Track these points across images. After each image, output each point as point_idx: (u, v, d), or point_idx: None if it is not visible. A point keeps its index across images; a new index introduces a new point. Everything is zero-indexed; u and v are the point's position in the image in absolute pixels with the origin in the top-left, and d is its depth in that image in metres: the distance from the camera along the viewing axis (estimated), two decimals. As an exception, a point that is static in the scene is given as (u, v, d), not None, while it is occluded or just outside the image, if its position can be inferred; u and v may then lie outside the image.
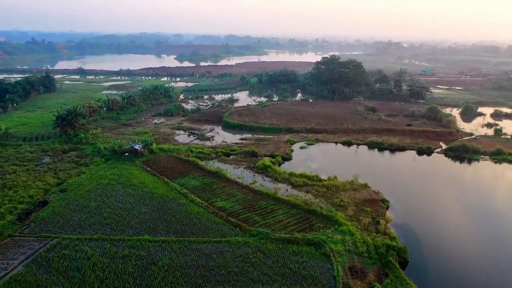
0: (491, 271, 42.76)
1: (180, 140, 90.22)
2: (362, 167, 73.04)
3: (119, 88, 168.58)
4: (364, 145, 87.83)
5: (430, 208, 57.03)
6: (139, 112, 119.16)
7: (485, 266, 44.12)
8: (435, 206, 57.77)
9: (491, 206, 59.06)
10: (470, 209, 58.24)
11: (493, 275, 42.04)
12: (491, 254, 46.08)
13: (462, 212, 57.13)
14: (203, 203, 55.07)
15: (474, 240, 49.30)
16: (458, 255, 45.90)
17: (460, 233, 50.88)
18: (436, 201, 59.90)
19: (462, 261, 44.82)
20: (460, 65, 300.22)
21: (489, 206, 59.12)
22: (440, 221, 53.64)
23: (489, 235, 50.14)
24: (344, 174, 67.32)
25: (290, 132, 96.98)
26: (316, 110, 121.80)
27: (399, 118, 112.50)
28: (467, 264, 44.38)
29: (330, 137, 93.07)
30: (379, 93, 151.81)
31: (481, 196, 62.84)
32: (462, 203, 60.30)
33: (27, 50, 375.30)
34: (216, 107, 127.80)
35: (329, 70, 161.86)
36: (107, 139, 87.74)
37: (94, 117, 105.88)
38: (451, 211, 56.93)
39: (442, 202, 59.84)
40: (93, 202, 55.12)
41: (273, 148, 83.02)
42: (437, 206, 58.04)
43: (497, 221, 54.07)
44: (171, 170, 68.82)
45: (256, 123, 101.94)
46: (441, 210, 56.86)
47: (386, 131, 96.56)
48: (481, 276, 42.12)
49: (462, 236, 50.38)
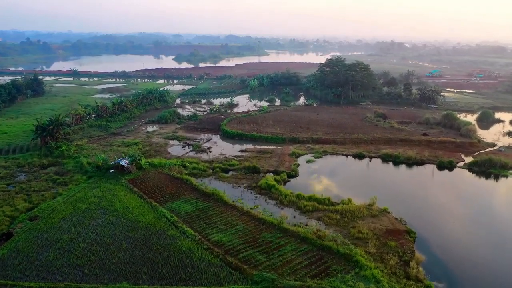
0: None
1: (173, 152, 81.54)
2: (378, 186, 64.55)
3: (113, 91, 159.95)
4: (378, 158, 79.17)
5: (466, 241, 48.39)
6: (131, 119, 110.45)
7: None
8: (472, 238, 49.16)
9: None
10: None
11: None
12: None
13: (508, 246, 48.17)
14: (196, 235, 46.38)
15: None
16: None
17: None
18: (472, 231, 51.32)
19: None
20: (466, 66, 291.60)
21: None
22: (483, 258, 44.82)
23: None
24: (359, 194, 58.92)
25: (294, 142, 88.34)
26: (321, 117, 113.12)
27: (413, 126, 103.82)
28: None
29: (339, 148, 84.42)
30: (388, 97, 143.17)
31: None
32: (505, 234, 51.43)
33: (22, 50, 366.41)
34: (214, 113, 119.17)
35: (334, 73, 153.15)
36: (93, 151, 79.09)
37: (81, 125, 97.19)
38: (492, 244, 48.14)
39: (479, 232, 51.19)
40: (66, 235, 46.49)
41: (276, 162, 74.38)
42: (474, 237, 49.42)
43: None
44: (161, 190, 60.16)
45: (257, 132, 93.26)
46: (479, 242, 48.18)
47: (401, 142, 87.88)
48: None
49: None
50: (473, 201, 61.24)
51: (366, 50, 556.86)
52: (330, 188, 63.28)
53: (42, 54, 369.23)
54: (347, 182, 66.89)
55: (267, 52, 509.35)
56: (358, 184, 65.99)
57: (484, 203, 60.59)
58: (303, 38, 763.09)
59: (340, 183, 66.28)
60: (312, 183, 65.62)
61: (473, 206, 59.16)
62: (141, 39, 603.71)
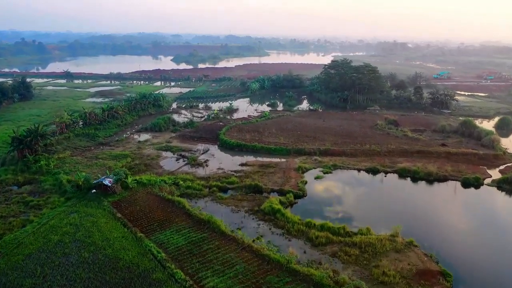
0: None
1: (166, 166, 73.25)
2: (399, 209, 56.44)
3: (105, 94, 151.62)
4: (394, 173, 70.88)
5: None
6: (122, 127, 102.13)
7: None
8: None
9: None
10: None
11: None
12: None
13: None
14: (187, 280, 38.15)
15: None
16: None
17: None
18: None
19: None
20: (473, 67, 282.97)
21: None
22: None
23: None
24: (378, 221, 51.11)
25: (300, 154, 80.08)
26: (328, 124, 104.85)
27: (428, 134, 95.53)
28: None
29: (350, 161, 76.14)
30: (396, 102, 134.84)
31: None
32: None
33: (16, 51, 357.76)
34: (212, 119, 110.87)
35: (340, 75, 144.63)
36: (76, 166, 70.90)
37: (66, 134, 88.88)
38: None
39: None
40: (28, 279, 38.39)
41: (281, 179, 66.11)
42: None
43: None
44: (148, 216, 51.91)
45: (259, 142, 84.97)
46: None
47: (418, 154, 79.57)
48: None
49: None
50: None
51: (367, 51, 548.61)
52: (344, 212, 55.07)
53: (37, 55, 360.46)
54: (363, 205, 58.68)
55: (268, 52, 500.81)
56: (375, 207, 57.77)
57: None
58: (304, 38, 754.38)
59: (355, 205, 58.06)
60: (323, 205, 57.30)
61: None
62: (140, 39, 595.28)
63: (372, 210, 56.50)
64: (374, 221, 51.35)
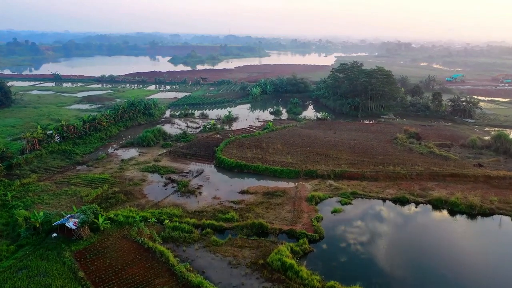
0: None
1: (151, 194, 60.71)
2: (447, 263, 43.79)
3: (93, 100, 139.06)
4: (427, 204, 58.42)
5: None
6: (106, 140, 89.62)
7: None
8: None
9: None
10: None
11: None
12: None
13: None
14: None
15: None
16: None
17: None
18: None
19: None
20: (484, 68, 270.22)
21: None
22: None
23: None
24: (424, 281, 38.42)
25: (311, 176, 67.71)
26: (340, 136, 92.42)
27: (456, 150, 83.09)
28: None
29: (371, 187, 63.68)
30: (413, 109, 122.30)
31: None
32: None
33: (8, 52, 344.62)
34: (208, 130, 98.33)
35: (350, 80, 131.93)
36: (41, 195, 58.41)
37: (38, 151, 76.31)
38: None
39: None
40: None
41: (290, 214, 53.72)
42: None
43: None
44: (120, 276, 39.42)
45: (262, 162, 72.45)
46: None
47: (451, 177, 67.07)
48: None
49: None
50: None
51: (370, 51, 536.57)
52: (375, 267, 42.56)
53: (30, 56, 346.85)
54: (397, 253, 46.08)
55: (268, 53, 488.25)
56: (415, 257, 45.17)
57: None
58: (305, 38, 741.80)
59: (388, 256, 45.42)
60: (346, 255, 44.83)
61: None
62: (138, 39, 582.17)
63: (414, 264, 43.89)
64: (423, 283, 38.97)
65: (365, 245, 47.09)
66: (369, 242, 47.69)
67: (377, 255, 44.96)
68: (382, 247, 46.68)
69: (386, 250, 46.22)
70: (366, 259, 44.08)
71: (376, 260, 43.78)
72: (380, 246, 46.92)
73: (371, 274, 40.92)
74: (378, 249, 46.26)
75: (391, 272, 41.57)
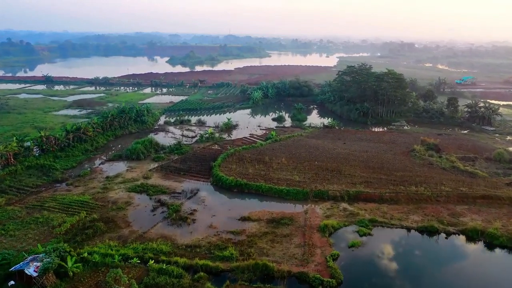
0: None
1: (135, 222, 52.00)
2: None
3: (83, 105, 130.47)
4: (459, 235, 49.77)
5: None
6: (92, 153, 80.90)
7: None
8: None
9: None
10: None
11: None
12: None
13: None
14: None
15: None
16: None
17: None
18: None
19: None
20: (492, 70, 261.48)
21: None
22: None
23: None
24: None
25: (321, 198, 59.18)
26: (351, 148, 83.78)
27: (482, 165, 74.42)
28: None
29: (392, 212, 55.08)
30: (426, 116, 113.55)
31: None
32: None
33: (2, 52, 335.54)
34: (205, 140, 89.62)
35: (357, 83, 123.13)
36: (6, 224, 49.74)
37: (13, 167, 67.61)
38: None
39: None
40: None
41: (300, 250, 45.10)
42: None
43: None
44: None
45: (266, 180, 63.77)
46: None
47: (482, 200, 58.47)
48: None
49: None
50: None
51: (372, 51, 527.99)
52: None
53: (25, 56, 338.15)
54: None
55: (269, 53, 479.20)
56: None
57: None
58: (305, 38, 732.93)
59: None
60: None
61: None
62: (136, 39, 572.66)
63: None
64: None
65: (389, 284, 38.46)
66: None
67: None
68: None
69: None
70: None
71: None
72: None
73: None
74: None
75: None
